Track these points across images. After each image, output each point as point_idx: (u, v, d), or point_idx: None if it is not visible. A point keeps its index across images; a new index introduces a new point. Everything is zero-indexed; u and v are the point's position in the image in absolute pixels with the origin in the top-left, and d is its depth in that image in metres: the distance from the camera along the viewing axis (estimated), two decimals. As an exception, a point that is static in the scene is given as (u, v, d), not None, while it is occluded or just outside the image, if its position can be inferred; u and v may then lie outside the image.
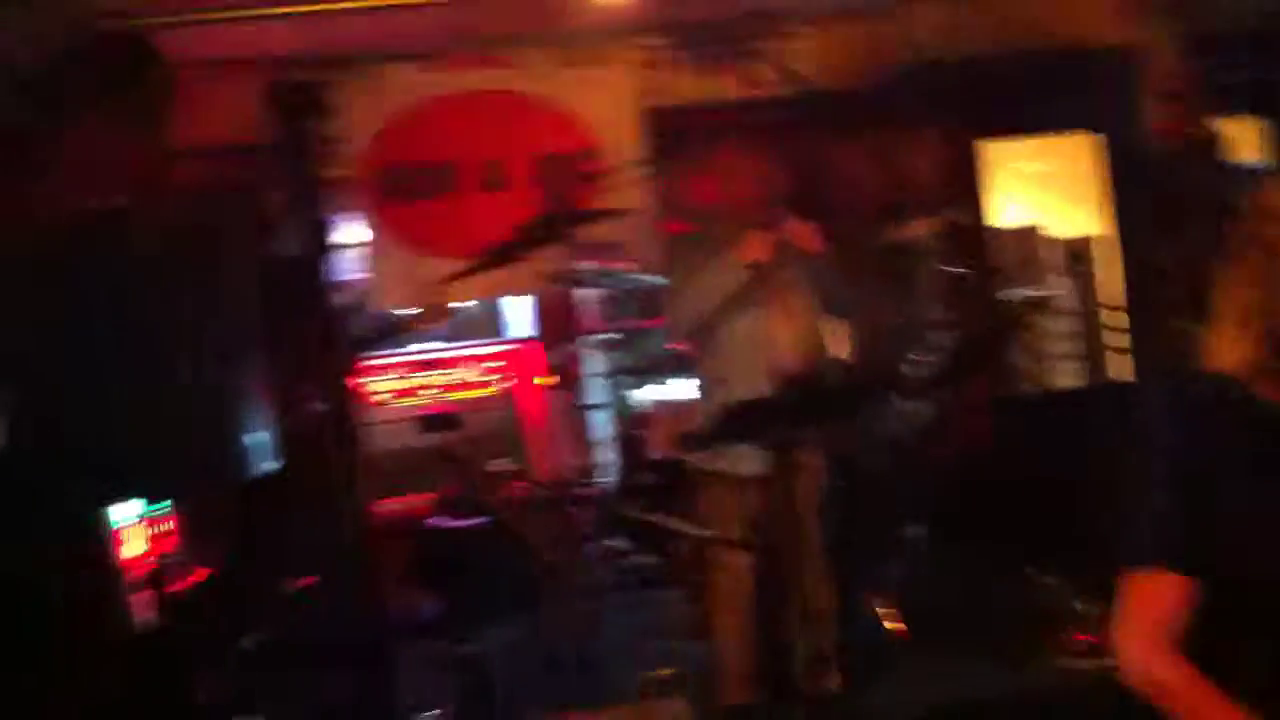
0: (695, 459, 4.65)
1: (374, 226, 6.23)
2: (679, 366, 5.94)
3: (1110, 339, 7.31)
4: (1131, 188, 6.68)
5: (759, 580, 4.59)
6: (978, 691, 4.78)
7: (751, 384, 4.35)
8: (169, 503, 4.28)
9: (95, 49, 3.52)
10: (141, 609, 4.55)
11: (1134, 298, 6.95)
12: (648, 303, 6.67)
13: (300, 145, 5.33)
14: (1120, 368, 7.25)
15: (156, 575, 4.36)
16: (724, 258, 4.43)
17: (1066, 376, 7.45)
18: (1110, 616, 2.13)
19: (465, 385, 7.01)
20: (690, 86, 6.64)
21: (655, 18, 5.55)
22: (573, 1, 5.12)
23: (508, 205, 6.14)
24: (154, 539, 4.85)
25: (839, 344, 6.05)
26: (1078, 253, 7.26)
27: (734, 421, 4.13)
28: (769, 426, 4.22)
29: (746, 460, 4.42)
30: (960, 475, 6.10)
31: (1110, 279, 7.20)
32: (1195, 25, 5.09)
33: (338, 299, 5.55)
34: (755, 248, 4.39)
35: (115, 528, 3.82)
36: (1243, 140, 5.75)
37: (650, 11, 4.93)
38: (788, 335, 4.53)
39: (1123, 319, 7.17)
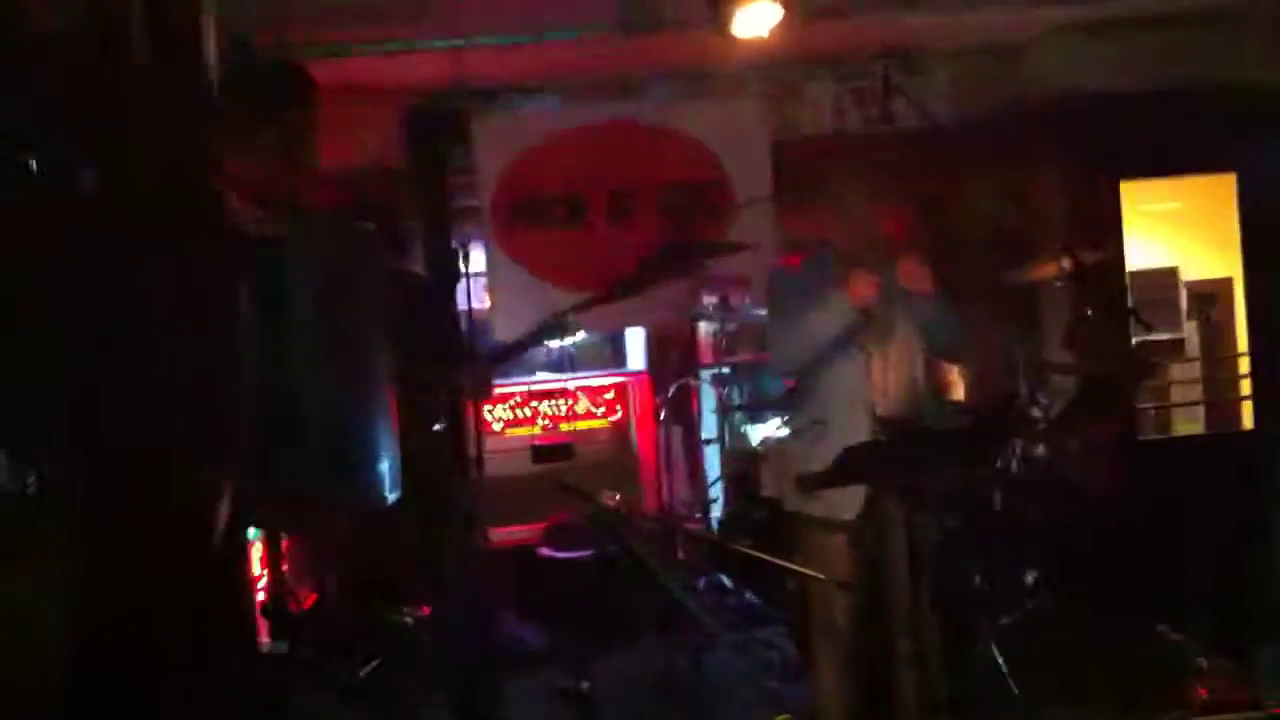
0: (793, 504, 4.56)
1: (501, 256, 6.27)
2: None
3: (1239, 386, 7.12)
4: (1268, 231, 6.50)
5: (863, 622, 4.49)
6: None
7: (852, 427, 4.26)
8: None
9: (253, 78, 3.56)
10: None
11: (1264, 345, 6.76)
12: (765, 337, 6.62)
13: (434, 172, 5.39)
14: (1248, 416, 7.06)
15: (274, 598, 4.38)
16: (831, 296, 4.32)
17: (1192, 423, 7.27)
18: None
19: (580, 415, 7.01)
20: (819, 120, 6.63)
21: (786, 51, 5.52)
22: (704, 35, 5.09)
23: (634, 236, 6.16)
24: (266, 561, 4.87)
25: (958, 387, 5.95)
26: (1209, 296, 7.08)
27: (851, 464, 4.04)
28: (885, 470, 4.14)
29: (845, 505, 4.33)
30: (1082, 521, 5.96)
31: (1243, 324, 7.02)
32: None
33: (463, 324, 5.57)
34: (863, 288, 4.28)
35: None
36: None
37: (781, 45, 4.89)
38: (893, 378, 4.42)
39: (1248, 365, 6.99)
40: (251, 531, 4.44)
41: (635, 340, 7.36)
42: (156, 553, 2.24)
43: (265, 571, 4.74)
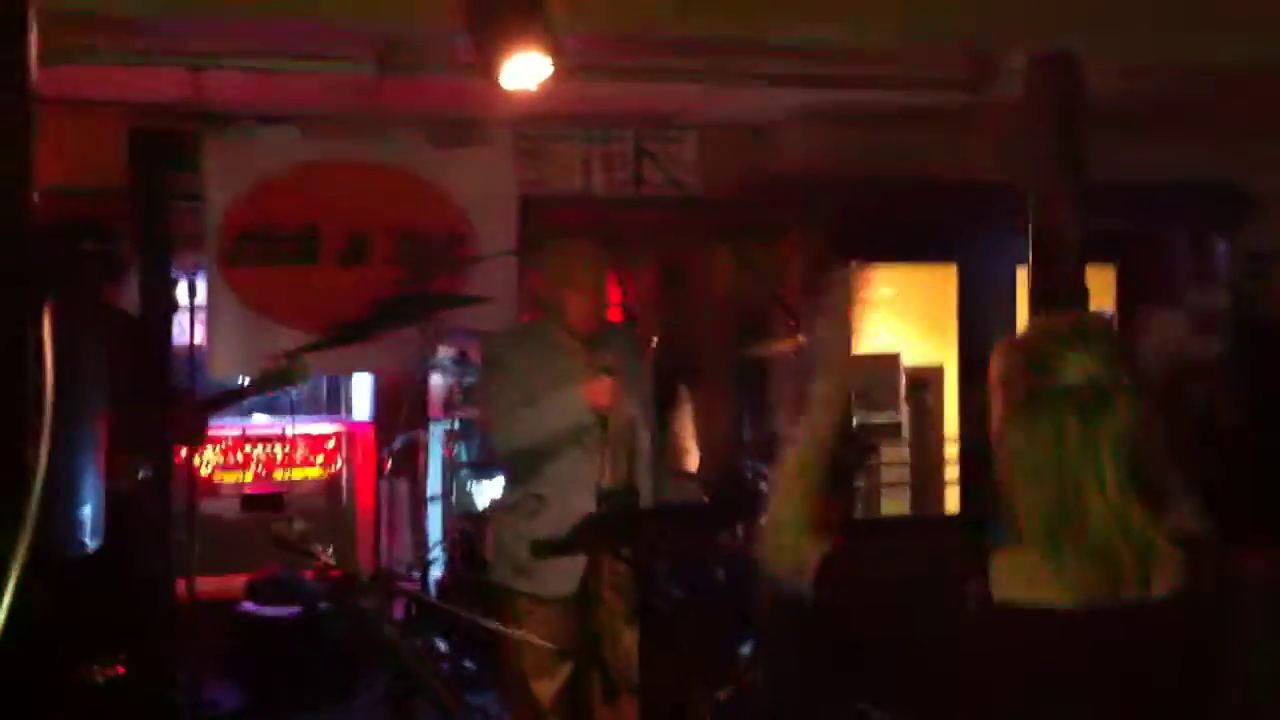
0: (500, 576, 4.44)
1: (223, 289, 5.90)
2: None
3: (948, 470, 7.40)
4: (982, 322, 6.80)
5: (570, 698, 4.41)
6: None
7: (574, 504, 4.17)
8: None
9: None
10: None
11: (972, 431, 7.05)
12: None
13: (156, 196, 5.06)
14: (952, 499, 7.34)
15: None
16: (566, 395, 4.24)
17: (899, 503, 7.52)
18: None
19: (296, 463, 6.72)
20: (569, 179, 6.60)
21: (538, 107, 5.47)
22: (462, 82, 4.97)
23: (367, 280, 5.90)
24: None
25: (692, 457, 5.97)
26: (923, 382, 7.36)
27: (587, 533, 3.96)
28: (616, 541, 4.08)
29: (553, 582, 4.23)
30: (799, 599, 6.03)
31: (953, 410, 7.32)
32: (1066, 173, 5.23)
33: (176, 360, 5.26)
34: (602, 395, 4.23)
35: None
36: (1098, 287, 5.90)
37: (534, 100, 4.83)
38: (616, 452, 4.37)
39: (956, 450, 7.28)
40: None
41: (361, 388, 7.11)
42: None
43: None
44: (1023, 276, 5.83)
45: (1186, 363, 6.86)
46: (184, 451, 5.46)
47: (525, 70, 4.20)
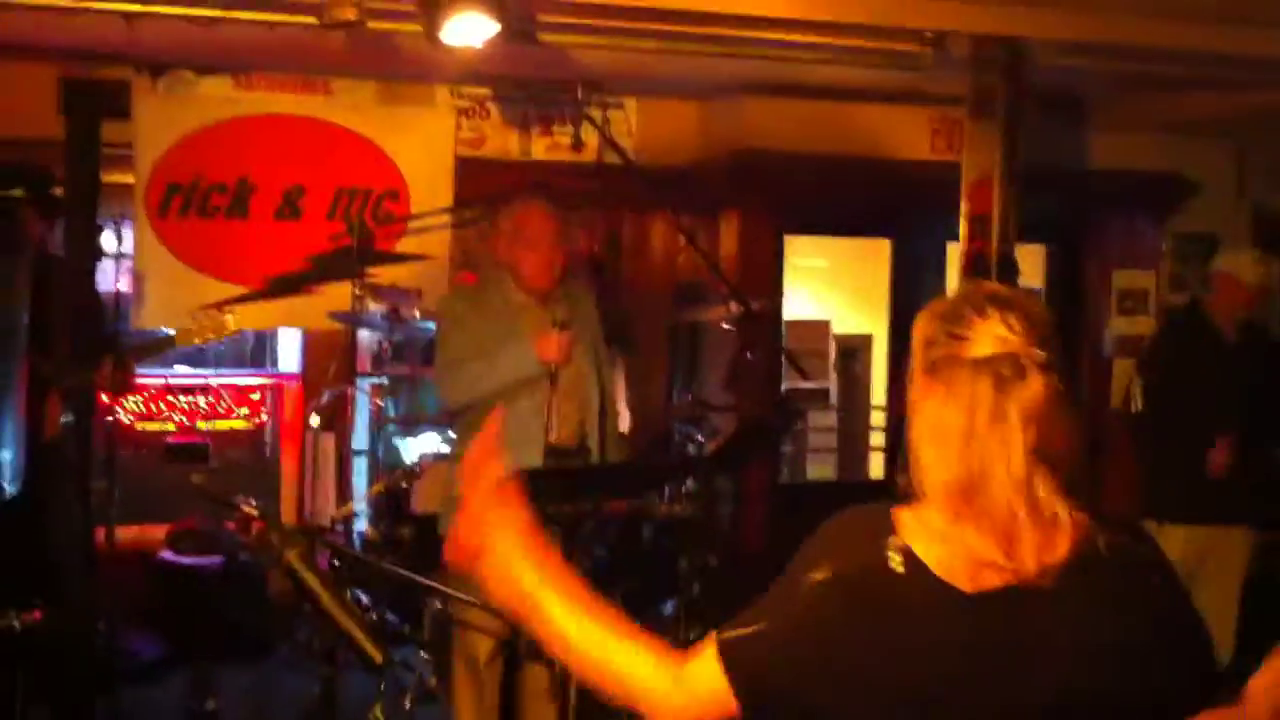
0: (445, 530, 4.46)
1: (152, 240, 5.83)
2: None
3: (874, 436, 7.51)
4: (912, 294, 6.87)
5: (506, 649, 4.44)
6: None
7: (523, 456, 4.19)
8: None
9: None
10: None
11: (898, 399, 7.13)
12: (430, 352, 6.48)
13: (86, 145, 4.97)
14: (877, 465, 7.45)
15: None
16: (518, 347, 4.25)
17: (825, 468, 7.62)
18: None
19: (220, 415, 6.66)
20: (508, 142, 6.57)
21: (481, 69, 5.42)
22: (403, 39, 4.91)
23: (300, 235, 5.85)
24: None
25: (624, 418, 5.99)
26: (852, 350, 7.44)
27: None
28: (547, 498, 4.09)
29: None
30: (723, 557, 6.09)
31: (881, 378, 7.42)
32: (1003, 154, 5.29)
33: (103, 309, 5.19)
34: (553, 349, 4.25)
35: None
36: (1028, 266, 5.98)
37: (475, 60, 4.78)
38: (567, 406, 4.39)
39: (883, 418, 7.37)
40: None
41: (289, 341, 7.04)
42: None
43: None
44: (955, 252, 5.90)
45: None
46: (106, 399, 5.40)
47: (469, 29, 4.17)
